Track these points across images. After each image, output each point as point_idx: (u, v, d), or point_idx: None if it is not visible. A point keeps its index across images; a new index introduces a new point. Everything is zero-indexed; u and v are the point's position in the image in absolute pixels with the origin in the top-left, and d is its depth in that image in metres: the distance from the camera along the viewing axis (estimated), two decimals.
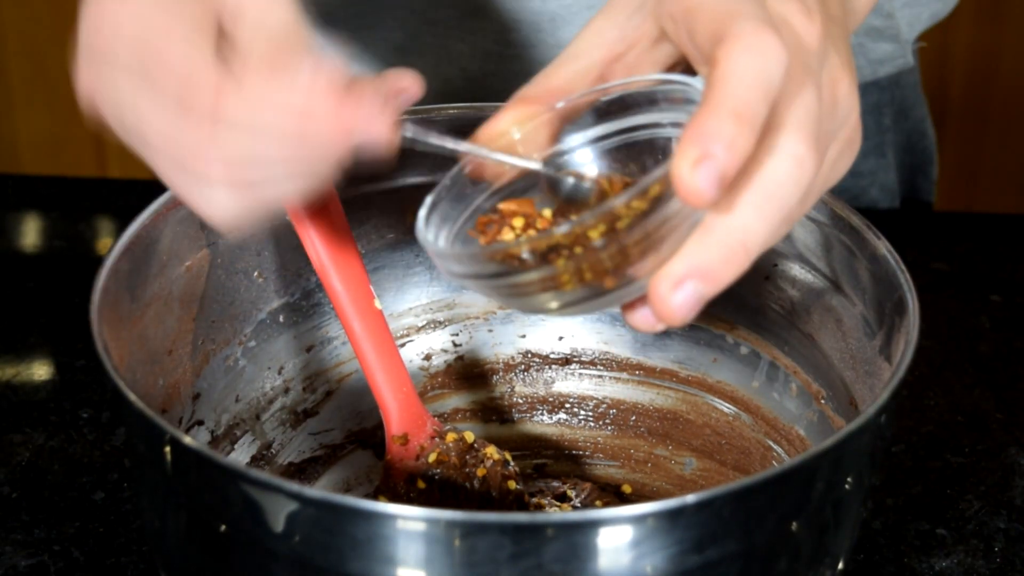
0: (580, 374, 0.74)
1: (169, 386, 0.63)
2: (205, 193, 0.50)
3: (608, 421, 0.73)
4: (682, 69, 0.53)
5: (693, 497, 0.47)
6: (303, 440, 0.70)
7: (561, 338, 0.74)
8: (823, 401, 0.65)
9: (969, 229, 0.96)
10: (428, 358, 0.73)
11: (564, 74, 0.54)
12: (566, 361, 0.74)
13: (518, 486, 0.65)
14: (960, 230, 0.96)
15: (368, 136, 0.49)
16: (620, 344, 0.73)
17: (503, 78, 0.85)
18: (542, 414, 0.74)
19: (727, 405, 0.70)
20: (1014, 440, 0.76)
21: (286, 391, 0.70)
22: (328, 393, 0.71)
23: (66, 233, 0.96)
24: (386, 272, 0.72)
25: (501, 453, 0.65)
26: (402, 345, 0.73)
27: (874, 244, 0.60)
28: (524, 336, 0.74)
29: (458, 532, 0.47)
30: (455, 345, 0.74)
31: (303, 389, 0.70)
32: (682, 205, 0.46)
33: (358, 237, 0.69)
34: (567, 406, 0.74)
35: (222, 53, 0.49)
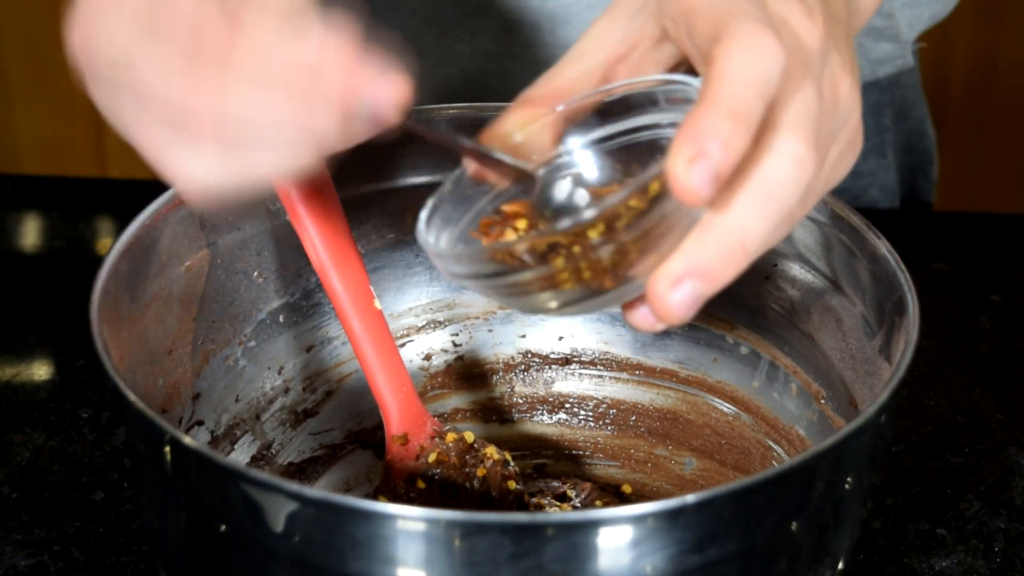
0: (580, 374, 0.74)
1: (169, 386, 0.63)
2: (188, 152, 0.48)
3: (608, 421, 0.73)
4: (685, 69, 0.53)
5: (693, 497, 0.47)
6: (303, 440, 0.70)
7: (561, 338, 0.74)
8: (823, 401, 0.65)
9: (969, 229, 0.96)
10: (428, 358, 0.73)
11: (568, 75, 0.54)
12: (566, 361, 0.74)
13: (518, 486, 0.65)
14: (960, 230, 0.96)
15: (376, 100, 0.47)
16: (620, 344, 0.73)
17: (503, 78, 0.85)
18: (542, 414, 0.74)
19: (727, 405, 0.70)
20: (1014, 440, 0.76)
21: (286, 391, 0.70)
22: (328, 393, 0.71)
23: (66, 233, 0.96)
24: (386, 272, 0.72)
25: (501, 453, 0.65)
26: (402, 345, 0.73)
27: (874, 244, 0.60)
28: (524, 336, 0.74)
29: (458, 532, 0.47)
30: (455, 345, 0.74)
31: (303, 389, 0.70)
32: (680, 204, 0.46)
33: (358, 237, 0.69)
34: (567, 406, 0.74)
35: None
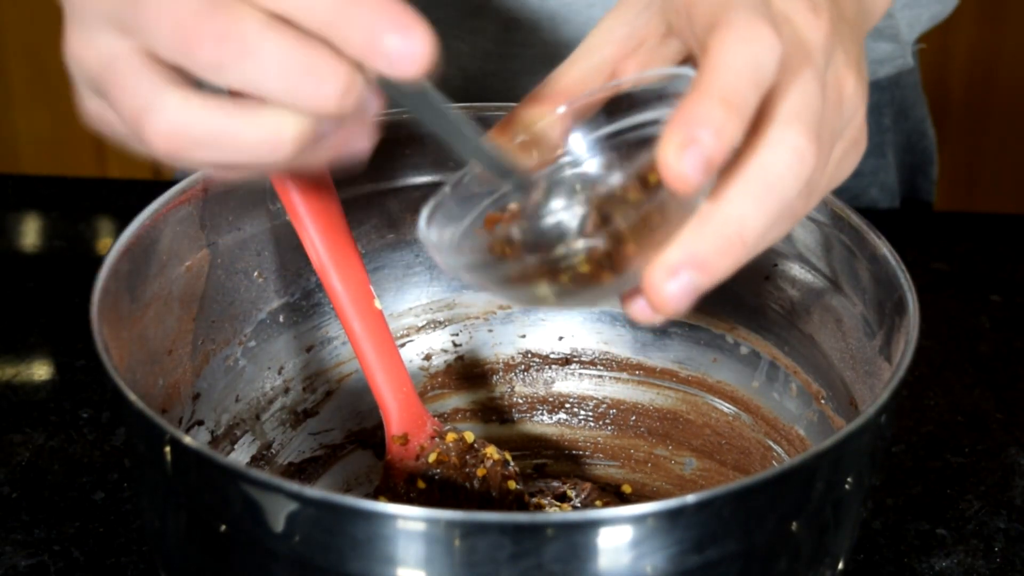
0: (580, 374, 0.74)
1: (169, 386, 0.63)
2: (170, 94, 0.46)
3: (608, 421, 0.73)
4: (692, 64, 0.53)
5: (693, 497, 0.47)
6: (303, 440, 0.70)
7: (561, 338, 0.74)
8: (823, 401, 0.65)
9: (969, 229, 0.96)
10: (428, 358, 0.73)
11: (576, 72, 0.54)
12: (566, 361, 0.74)
13: (518, 486, 0.65)
14: (960, 230, 0.96)
15: (400, 50, 0.46)
16: (620, 344, 0.73)
17: (503, 78, 0.85)
18: (542, 414, 0.74)
19: (727, 405, 0.70)
20: (1014, 440, 0.76)
21: (286, 391, 0.70)
22: (328, 393, 0.71)
23: (66, 233, 0.96)
24: (386, 272, 0.72)
25: (501, 453, 0.65)
26: (402, 345, 0.73)
27: (874, 244, 0.60)
28: (524, 336, 0.74)
29: (458, 532, 0.47)
30: (455, 345, 0.74)
31: (303, 389, 0.70)
32: (675, 193, 0.46)
33: (358, 237, 0.69)
34: (567, 406, 0.74)
35: None
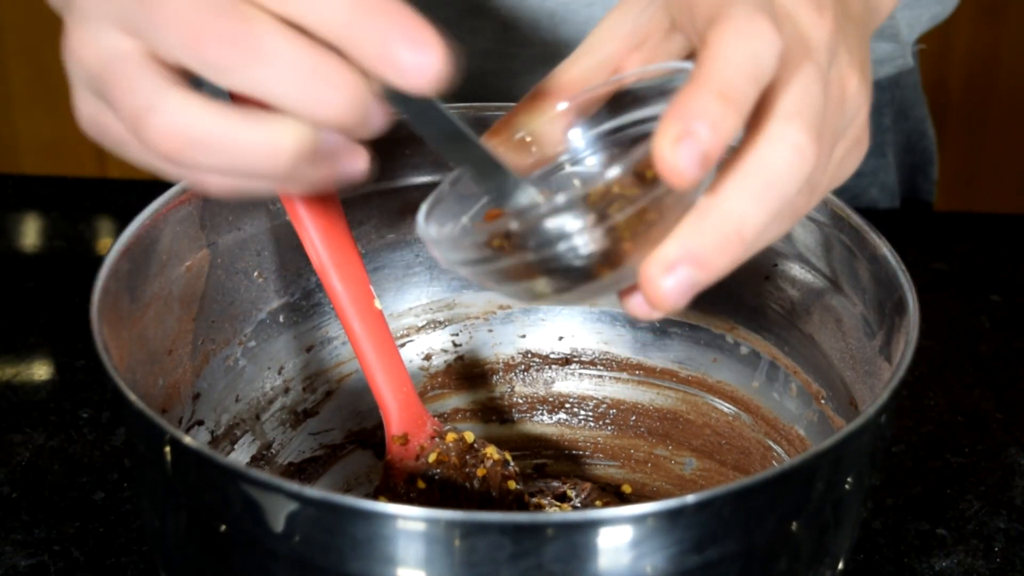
0: (580, 374, 0.74)
1: (169, 386, 0.63)
2: (172, 94, 0.46)
3: (608, 421, 0.73)
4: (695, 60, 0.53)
5: (693, 497, 0.47)
6: (303, 440, 0.70)
7: (561, 338, 0.74)
8: (823, 401, 0.65)
9: (969, 229, 0.96)
10: (428, 358, 0.73)
11: (579, 68, 0.54)
12: (566, 361, 0.74)
13: (518, 486, 0.65)
14: (960, 230, 0.96)
15: (412, 63, 0.46)
16: (620, 344, 0.73)
17: (502, 77, 0.85)
18: (542, 414, 0.74)
19: (727, 405, 0.70)
20: (1014, 440, 0.76)
21: (286, 391, 0.70)
22: (328, 393, 0.71)
23: (66, 233, 0.96)
24: (386, 272, 0.72)
25: (501, 453, 0.65)
26: (402, 345, 0.73)
27: (874, 244, 0.60)
28: (524, 336, 0.74)
29: (458, 532, 0.47)
30: (455, 345, 0.74)
31: (303, 389, 0.70)
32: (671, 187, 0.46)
33: (358, 237, 0.69)
34: (567, 406, 0.74)
35: None
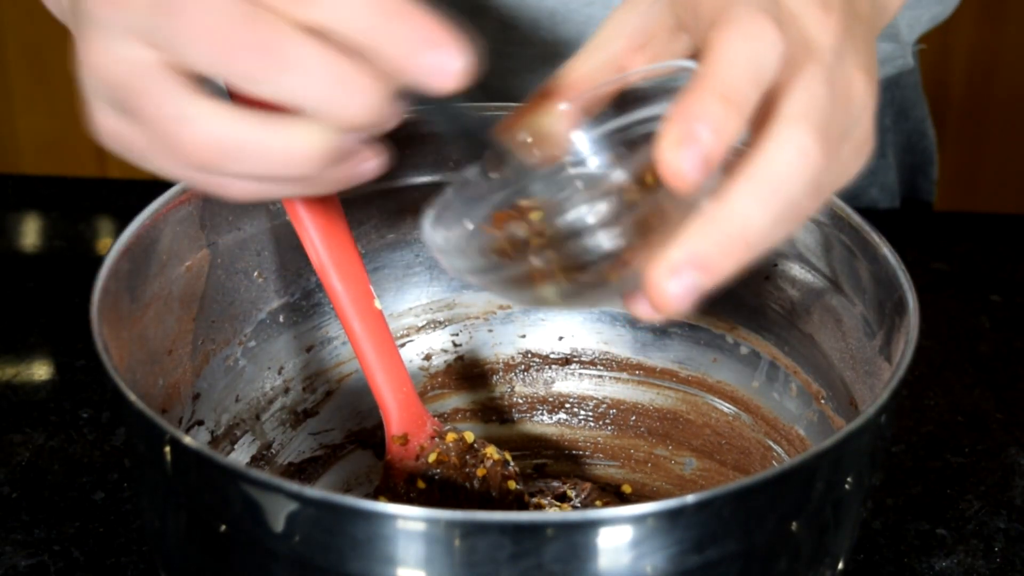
0: (580, 374, 0.74)
1: (169, 386, 0.63)
2: (202, 104, 0.46)
3: (608, 421, 0.73)
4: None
5: (693, 497, 0.47)
6: (303, 440, 0.70)
7: (561, 338, 0.74)
8: (823, 401, 0.65)
9: (969, 229, 0.96)
10: (428, 358, 0.73)
11: (586, 66, 0.54)
12: (566, 361, 0.74)
13: (518, 486, 0.65)
14: (960, 230, 0.96)
15: (439, 63, 0.47)
16: (620, 344, 0.73)
17: (502, 76, 0.85)
18: (542, 414, 0.74)
19: (727, 405, 0.70)
20: (1014, 440, 0.76)
21: (286, 391, 0.70)
22: (328, 393, 0.71)
23: (66, 233, 0.96)
24: (386, 272, 0.72)
25: (501, 453, 0.65)
26: (402, 345, 0.73)
27: (874, 244, 0.60)
28: (524, 336, 0.74)
29: (458, 532, 0.47)
30: (455, 345, 0.74)
31: (303, 389, 0.70)
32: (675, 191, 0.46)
33: (358, 237, 0.69)
34: (567, 406, 0.74)
35: None
